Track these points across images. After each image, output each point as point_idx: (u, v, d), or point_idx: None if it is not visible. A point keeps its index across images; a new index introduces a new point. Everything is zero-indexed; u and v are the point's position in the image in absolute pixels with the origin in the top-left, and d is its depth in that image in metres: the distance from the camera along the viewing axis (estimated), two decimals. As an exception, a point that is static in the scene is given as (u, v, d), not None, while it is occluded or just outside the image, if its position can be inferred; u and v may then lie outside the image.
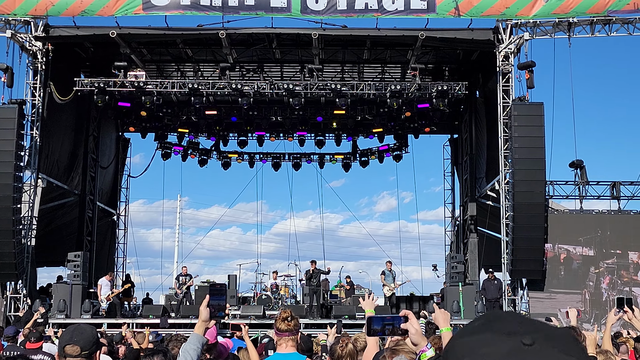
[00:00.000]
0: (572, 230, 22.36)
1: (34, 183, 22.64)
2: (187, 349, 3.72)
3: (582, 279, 22.10)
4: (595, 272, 22.14)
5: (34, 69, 22.66)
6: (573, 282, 22.10)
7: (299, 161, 32.06)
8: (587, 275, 22.14)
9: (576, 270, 22.18)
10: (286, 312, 5.13)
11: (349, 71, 27.67)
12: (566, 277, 22.18)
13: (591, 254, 22.33)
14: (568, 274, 22.17)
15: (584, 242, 22.44)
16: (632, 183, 22.67)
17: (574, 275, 22.10)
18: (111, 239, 30.92)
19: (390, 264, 24.22)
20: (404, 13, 22.05)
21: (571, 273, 22.17)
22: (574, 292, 21.96)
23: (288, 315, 5.08)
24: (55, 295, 21.66)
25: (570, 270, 22.20)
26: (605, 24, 22.15)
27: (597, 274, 22.13)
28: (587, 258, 22.30)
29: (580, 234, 22.32)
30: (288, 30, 23.23)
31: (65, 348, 3.52)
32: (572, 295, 21.87)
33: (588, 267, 22.21)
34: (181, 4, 22.08)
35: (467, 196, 27.94)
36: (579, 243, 22.39)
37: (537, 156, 20.73)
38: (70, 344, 3.52)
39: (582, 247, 22.37)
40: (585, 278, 22.13)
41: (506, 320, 1.24)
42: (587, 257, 22.32)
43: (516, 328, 1.21)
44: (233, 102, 25.58)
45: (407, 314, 3.25)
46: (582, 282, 22.05)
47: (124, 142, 31.67)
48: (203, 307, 3.74)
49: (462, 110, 28.40)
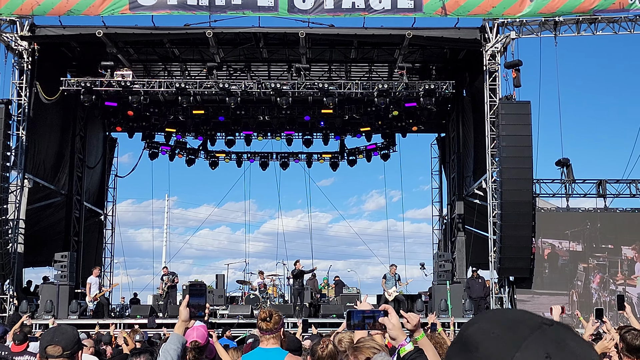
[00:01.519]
0: (559, 222, 21.77)
1: (20, 183, 22.53)
2: (167, 349, 3.72)
3: (570, 277, 21.24)
4: (583, 268, 21.17)
5: (19, 68, 22.55)
6: (559, 281, 21.30)
7: (287, 160, 32.05)
8: (575, 274, 21.18)
9: (562, 268, 21.36)
10: (265, 312, 5.17)
11: (336, 70, 27.69)
12: (551, 276, 21.35)
13: (579, 249, 21.39)
14: (553, 272, 21.36)
15: (571, 235, 21.47)
16: (618, 181, 22.79)
17: (559, 274, 21.37)
18: (98, 239, 30.80)
19: (394, 267, 23.53)
20: (390, 12, 22.09)
21: (557, 271, 21.38)
22: (560, 293, 21.04)
23: (267, 315, 5.12)
24: (42, 295, 21.59)
25: (555, 268, 21.40)
26: (591, 23, 22.27)
27: (586, 271, 21.17)
28: (574, 254, 21.36)
29: (567, 226, 21.59)
30: (275, 30, 23.23)
31: (47, 349, 3.52)
32: (559, 296, 20.75)
33: (576, 264, 21.31)
34: (168, 4, 22.02)
35: (454, 195, 28.03)
36: (566, 237, 21.48)
37: (524, 155, 20.81)
38: (51, 344, 3.51)
39: (568, 241, 21.49)
40: (573, 277, 21.19)
41: (525, 312, 1.35)
42: (575, 252, 21.37)
43: (534, 316, 1.32)
44: (220, 102, 25.57)
45: (386, 308, 3.26)
46: (570, 282, 21.21)
47: (111, 141, 31.56)
48: (183, 307, 3.74)
49: (449, 109, 28.48)
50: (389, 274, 23.13)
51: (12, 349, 9.54)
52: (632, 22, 22.32)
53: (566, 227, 21.67)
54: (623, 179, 22.78)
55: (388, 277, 23.05)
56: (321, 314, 22.19)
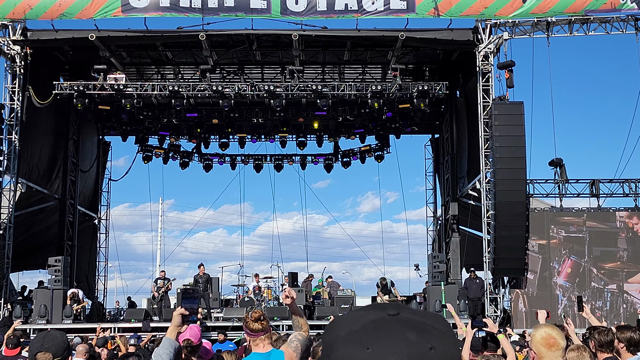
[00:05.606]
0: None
1: (13, 188, 22.45)
2: (159, 353, 3.72)
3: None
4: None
5: (12, 72, 22.50)
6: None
7: (281, 162, 32.03)
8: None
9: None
10: (257, 312, 5.13)
11: (329, 72, 27.69)
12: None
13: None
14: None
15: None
16: (611, 181, 22.83)
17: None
18: (92, 243, 30.70)
19: (384, 279, 24.14)
20: (383, 13, 22.10)
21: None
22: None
23: (260, 315, 5.08)
24: (36, 300, 21.50)
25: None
26: (583, 23, 22.32)
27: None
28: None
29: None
30: (268, 32, 23.22)
31: (37, 356, 3.50)
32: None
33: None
34: (160, 6, 22.00)
35: (448, 195, 28.04)
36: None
37: (517, 155, 20.84)
38: (41, 351, 3.50)
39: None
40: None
41: (387, 305, 1.38)
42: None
43: (390, 307, 1.35)
44: (214, 104, 25.54)
45: None
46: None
47: (105, 145, 31.48)
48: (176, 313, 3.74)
49: (442, 110, 28.50)
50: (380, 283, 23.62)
51: (5, 353, 9.50)
52: (624, 22, 22.38)
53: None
54: (616, 178, 22.84)
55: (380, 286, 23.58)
56: (316, 316, 22.17)
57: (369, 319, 1.31)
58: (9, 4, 21.85)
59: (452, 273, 26.00)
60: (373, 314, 1.32)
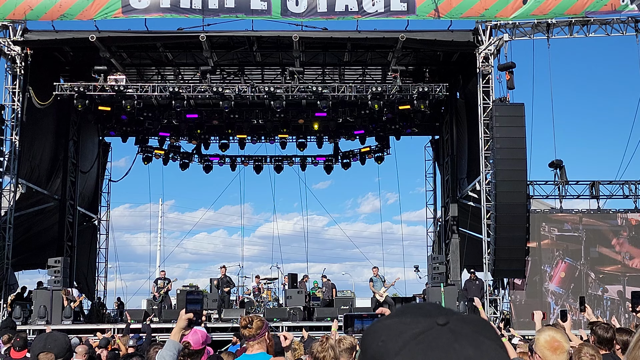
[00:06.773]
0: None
1: (13, 188, 22.45)
2: (163, 355, 3.72)
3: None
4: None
5: (12, 73, 22.51)
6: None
7: (281, 164, 32.00)
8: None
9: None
10: (245, 319, 5.12)
11: (329, 73, 27.68)
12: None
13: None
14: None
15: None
16: (611, 182, 22.84)
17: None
18: (92, 243, 30.69)
19: (376, 269, 23.79)
20: (384, 14, 22.11)
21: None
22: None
23: (247, 322, 5.07)
24: (35, 301, 21.49)
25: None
26: (583, 24, 22.33)
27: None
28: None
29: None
30: (268, 33, 23.20)
31: (39, 356, 3.51)
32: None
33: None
34: (161, 7, 22.00)
35: (448, 197, 28.03)
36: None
37: (518, 156, 20.83)
38: (44, 351, 3.51)
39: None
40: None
41: (424, 306, 1.31)
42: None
43: (433, 312, 1.27)
44: (214, 106, 25.54)
45: (383, 311, 3.26)
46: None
47: (105, 146, 31.47)
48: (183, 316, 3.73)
49: (442, 111, 28.50)
50: (374, 277, 23.33)
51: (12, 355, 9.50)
52: (624, 23, 22.40)
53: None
54: (616, 180, 22.84)
55: (374, 279, 23.26)
56: (315, 317, 22.16)
57: (418, 329, 1.23)
58: (9, 4, 21.86)
59: (452, 274, 25.99)
60: (420, 323, 1.24)
